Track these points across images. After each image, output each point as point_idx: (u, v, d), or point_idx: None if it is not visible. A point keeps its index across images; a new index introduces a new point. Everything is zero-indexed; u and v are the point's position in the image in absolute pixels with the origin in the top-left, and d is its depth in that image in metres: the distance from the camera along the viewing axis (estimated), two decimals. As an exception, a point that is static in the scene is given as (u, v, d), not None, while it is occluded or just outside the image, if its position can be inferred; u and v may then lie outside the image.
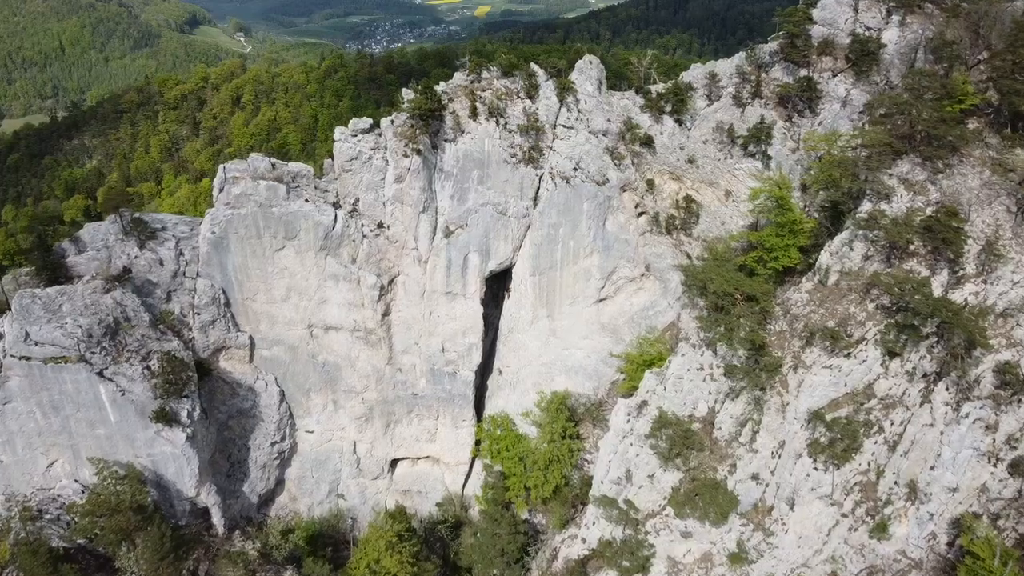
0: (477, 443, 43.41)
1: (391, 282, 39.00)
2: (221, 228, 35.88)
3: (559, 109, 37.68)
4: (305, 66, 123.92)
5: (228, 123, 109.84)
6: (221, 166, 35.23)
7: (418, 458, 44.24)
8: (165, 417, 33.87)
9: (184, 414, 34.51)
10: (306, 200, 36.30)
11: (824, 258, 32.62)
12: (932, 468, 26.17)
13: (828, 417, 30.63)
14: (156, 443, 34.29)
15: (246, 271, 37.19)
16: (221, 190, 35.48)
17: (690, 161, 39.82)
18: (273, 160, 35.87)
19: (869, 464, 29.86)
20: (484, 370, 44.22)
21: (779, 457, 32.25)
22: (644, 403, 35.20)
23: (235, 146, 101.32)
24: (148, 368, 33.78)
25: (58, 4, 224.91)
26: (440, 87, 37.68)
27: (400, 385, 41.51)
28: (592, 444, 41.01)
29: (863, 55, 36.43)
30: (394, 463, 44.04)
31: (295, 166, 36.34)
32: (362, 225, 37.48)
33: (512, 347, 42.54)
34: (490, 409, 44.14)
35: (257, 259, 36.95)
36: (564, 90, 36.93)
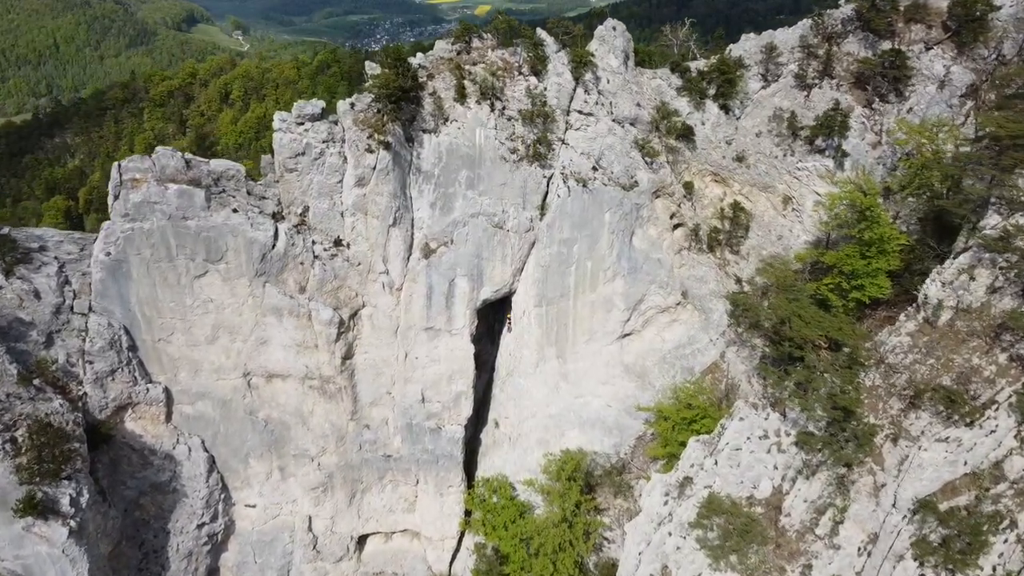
0: (468, 513, 35.19)
1: (353, 316, 30.52)
2: (119, 248, 27.12)
3: (574, 89, 29.39)
4: (297, 61, 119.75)
5: (216, 120, 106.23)
6: (115, 164, 26.36)
7: (393, 532, 35.96)
8: (36, 508, 25.18)
9: (66, 501, 25.83)
10: (234, 210, 27.62)
11: (932, 289, 24.96)
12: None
13: (942, 507, 23.39)
14: (26, 543, 25.57)
15: (155, 304, 28.46)
16: (116, 196, 26.62)
17: (739, 159, 31.89)
18: (188, 156, 27.15)
19: (995, 569, 22.51)
20: (476, 420, 36.02)
21: (869, 555, 24.72)
22: (688, 480, 27.33)
23: (222, 144, 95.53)
24: (12, 442, 25.02)
25: (53, 1, 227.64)
26: (416, 59, 29.18)
27: (368, 446, 33.15)
28: (614, 518, 33.09)
29: (967, 22, 28.83)
30: (362, 539, 35.78)
31: (219, 164, 27.62)
32: (313, 243, 28.90)
33: (512, 394, 34.36)
34: (484, 470, 36.04)
35: (170, 288, 28.24)
36: (581, 64, 28.66)
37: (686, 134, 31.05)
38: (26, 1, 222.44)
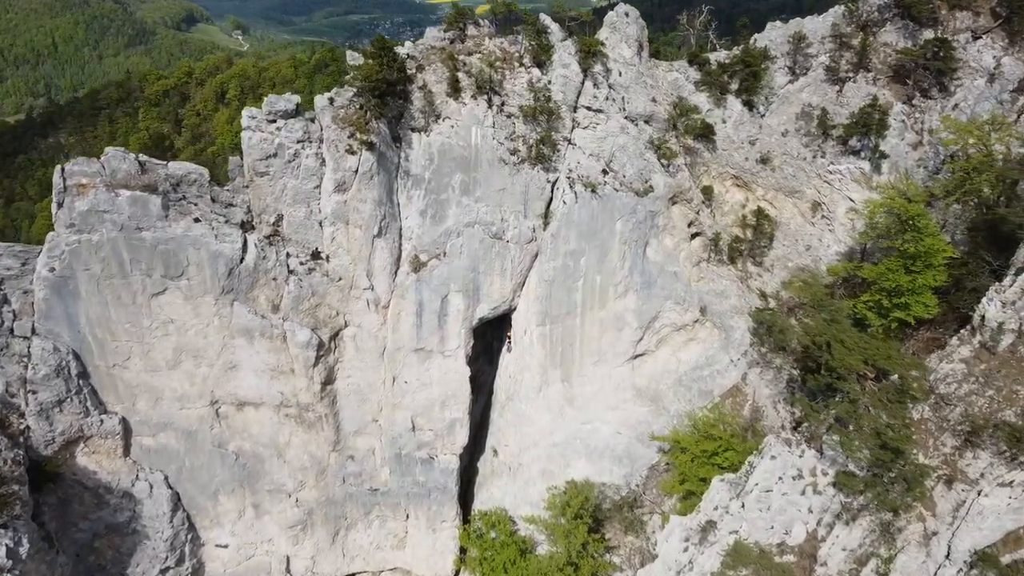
0: (463, 550, 32.14)
1: (334, 337, 27.43)
2: (64, 263, 23.90)
3: (582, 83, 26.37)
4: (294, 60, 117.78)
5: (212, 120, 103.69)
6: (58, 168, 23.12)
7: (381, 572, 32.92)
8: (-34, 564, 21.82)
9: (1, 553, 22.46)
10: (196, 219, 24.46)
11: (991, 310, 22.20)
12: None
13: (1004, 559, 20.81)
14: (-44, 602, 22.21)
15: (108, 326, 25.30)
16: (60, 204, 23.37)
17: (763, 161, 29.00)
18: (143, 158, 23.99)
19: (1065, 631, 19.67)
20: (472, 448, 33.00)
21: (919, 611, 21.81)
22: (711, 525, 24.41)
23: (218, 144, 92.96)
24: (-62, 488, 21.69)
25: (52, 1, 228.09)
26: (404, 48, 26.08)
27: (353, 478, 30.09)
28: (624, 558, 30.16)
29: (1020, 8, 25.91)
30: (347, 579, 32.58)
31: (178, 167, 24.44)
32: (287, 256, 25.78)
33: (512, 420, 31.35)
34: (481, 502, 33.04)
35: (124, 308, 25.09)
36: (589, 54, 25.65)
37: (705, 133, 28.10)
38: (25, 0, 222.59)
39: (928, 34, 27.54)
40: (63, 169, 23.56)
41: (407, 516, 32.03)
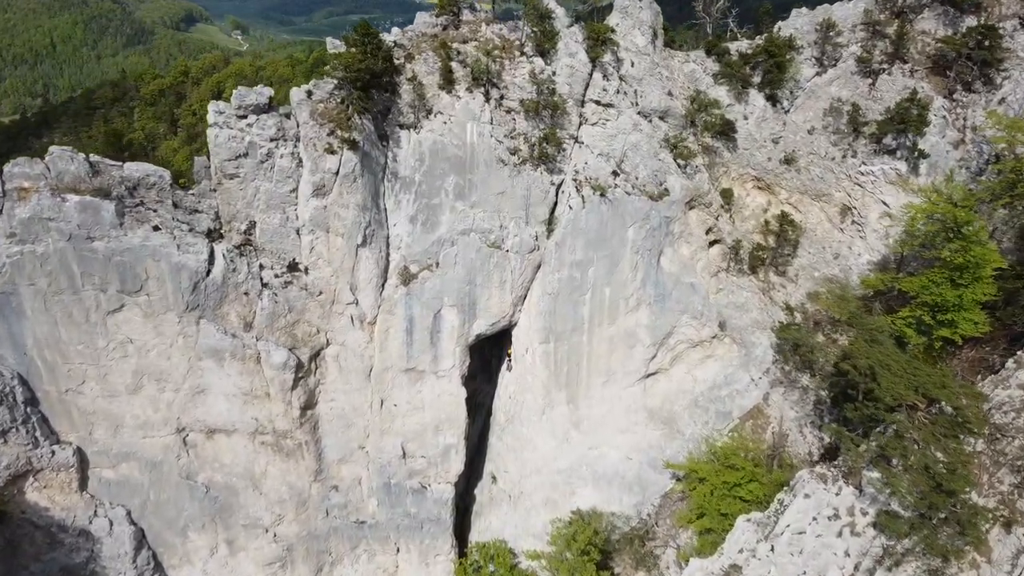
0: (458, 585, 29.56)
1: (315, 357, 24.81)
2: (5, 277, 21.24)
3: (590, 74, 23.78)
4: (291, 59, 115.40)
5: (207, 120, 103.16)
6: (-6, 169, 20.35)
7: (368, 608, 30.16)
8: None
9: (-64, 609, 19.80)
10: (156, 227, 21.76)
11: (1053, 332, 19.59)
12: None
13: (1071, 614, 18.08)
14: None
15: (59, 347, 22.60)
16: (0, 211, 20.54)
17: (788, 161, 26.55)
18: (95, 159, 21.30)
19: None
20: (469, 473, 30.42)
21: (970, 667, 19.38)
22: (735, 569, 21.93)
23: None
24: None
25: (50, 0, 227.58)
26: (391, 35, 23.40)
27: (337, 510, 27.49)
28: (635, 595, 27.50)
29: (1075, -8, 23.36)
30: (332, 617, 29.88)
31: (136, 168, 21.69)
32: (261, 267, 23.12)
33: (513, 444, 28.80)
34: (479, 532, 30.50)
35: (77, 327, 22.37)
36: (598, 42, 23.05)
37: (725, 131, 25.60)
38: (23, 0, 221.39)
39: (971, 21, 25.10)
40: (1, 171, 20.77)
41: (397, 550, 29.41)
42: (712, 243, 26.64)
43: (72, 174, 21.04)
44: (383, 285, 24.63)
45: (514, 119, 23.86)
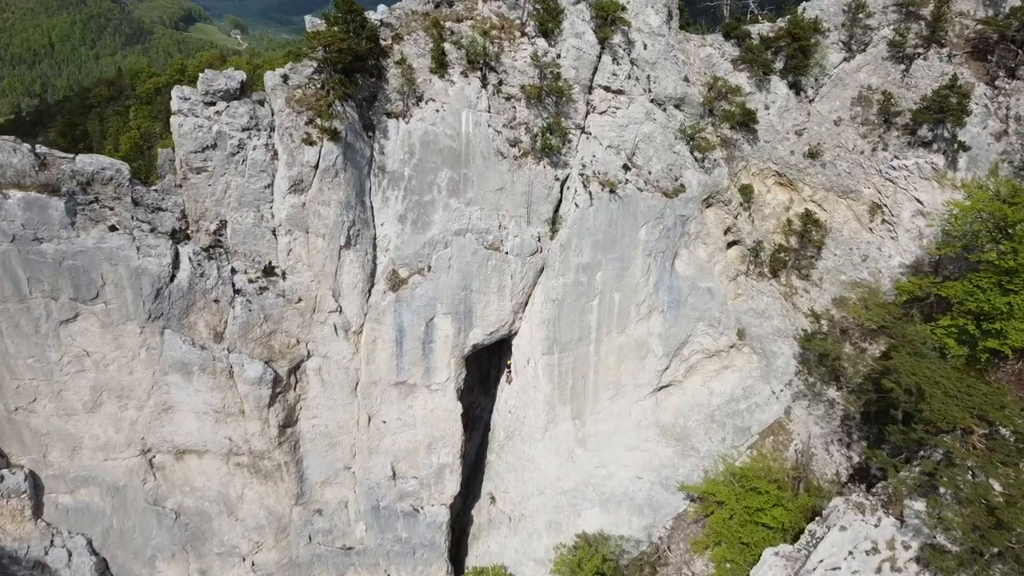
0: (453, 615, 27.39)
1: (295, 370, 22.52)
2: (-59, 283, 18.68)
3: (598, 57, 21.57)
4: (289, 56, 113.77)
5: None
6: (-73, 161, 17.96)
7: (356, 640, 27.93)
8: None
9: None
10: (113, 227, 19.47)
11: (1118, 345, 17.49)
12: None
13: None
14: None
15: (6, 361, 20.49)
16: (-67, 209, 18.19)
17: (812, 155, 24.46)
18: (42, 151, 19.00)
19: None
20: (466, 493, 28.23)
21: None
22: (763, 605, 19.65)
23: None
24: None
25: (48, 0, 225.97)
26: (377, 13, 21.10)
27: (321, 536, 25.27)
28: (646, 626, 25.37)
29: None
30: (317, 650, 27.63)
31: (88, 161, 19.34)
32: (232, 272, 20.83)
33: (513, 462, 26.64)
34: (477, 556, 28.36)
35: (25, 339, 20.07)
36: (608, 22, 20.86)
37: (746, 121, 23.40)
38: None
39: (1015, 1, 22.94)
40: (-67, 164, 18.41)
41: (387, 577, 27.21)
42: (730, 244, 24.51)
43: (15, 167, 18.68)
44: (369, 291, 22.35)
45: (514, 107, 21.60)
